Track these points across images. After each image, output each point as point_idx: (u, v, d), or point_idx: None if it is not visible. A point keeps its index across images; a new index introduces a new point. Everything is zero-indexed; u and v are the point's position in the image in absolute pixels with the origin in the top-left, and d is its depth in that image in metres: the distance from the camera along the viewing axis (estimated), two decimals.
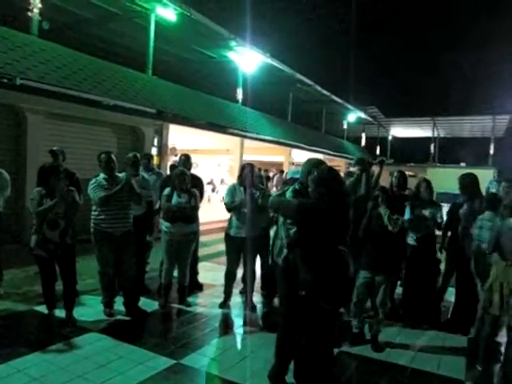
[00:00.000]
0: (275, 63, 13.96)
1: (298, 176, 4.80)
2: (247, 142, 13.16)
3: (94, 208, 4.48)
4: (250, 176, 4.89)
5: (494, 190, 7.28)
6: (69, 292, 4.27)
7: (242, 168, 5.06)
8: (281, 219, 3.25)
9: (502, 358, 3.44)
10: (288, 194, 3.22)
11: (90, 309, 4.67)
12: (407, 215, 4.68)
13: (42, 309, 4.39)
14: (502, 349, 3.44)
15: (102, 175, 4.48)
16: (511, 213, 3.49)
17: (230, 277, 5.06)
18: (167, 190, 4.93)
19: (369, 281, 4.11)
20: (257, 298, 5.24)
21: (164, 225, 4.93)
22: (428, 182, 5.05)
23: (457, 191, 5.00)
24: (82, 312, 4.49)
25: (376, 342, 4.12)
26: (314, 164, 3.21)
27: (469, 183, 4.77)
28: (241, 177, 4.98)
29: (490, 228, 3.83)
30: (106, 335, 4.06)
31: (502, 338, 3.43)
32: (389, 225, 3.98)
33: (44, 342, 3.81)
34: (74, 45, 8.99)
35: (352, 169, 5.37)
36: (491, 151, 23.98)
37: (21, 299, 4.88)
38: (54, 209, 4.03)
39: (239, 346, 4.19)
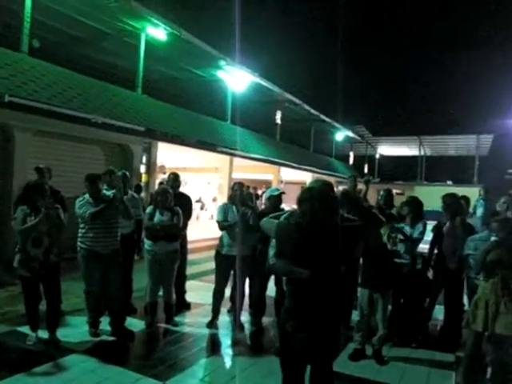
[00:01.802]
0: (264, 82, 14.15)
1: (276, 193, 4.87)
2: (236, 160, 13.22)
3: (81, 226, 4.43)
4: (241, 195, 4.92)
5: (481, 209, 7.42)
6: (52, 312, 4.19)
7: (233, 187, 5.08)
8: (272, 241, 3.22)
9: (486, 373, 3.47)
10: (282, 217, 3.09)
11: (74, 329, 4.58)
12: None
13: (25, 329, 4.29)
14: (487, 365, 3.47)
15: (89, 194, 4.45)
16: (501, 227, 3.54)
17: (218, 295, 5.02)
18: (149, 208, 4.92)
19: (369, 298, 4.20)
20: (245, 317, 5.19)
21: (146, 243, 4.90)
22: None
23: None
24: (66, 332, 4.40)
25: (380, 356, 4.21)
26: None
27: (451, 202, 4.86)
28: (232, 196, 5.01)
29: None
30: (91, 356, 3.98)
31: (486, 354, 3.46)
32: (388, 243, 4.06)
33: (27, 364, 3.71)
34: (64, 63, 9.02)
35: (343, 186, 5.44)
36: (476, 169, 24.41)
37: (3, 319, 4.77)
38: (37, 227, 3.98)
39: (227, 366, 4.14)
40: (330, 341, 2.52)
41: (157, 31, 9.99)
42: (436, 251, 5.00)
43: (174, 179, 5.60)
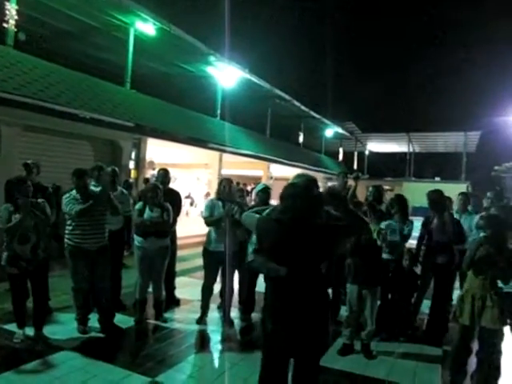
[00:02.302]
0: (254, 78, 14.13)
1: (261, 187, 4.88)
2: (226, 156, 13.20)
3: (68, 223, 4.39)
4: (228, 191, 4.91)
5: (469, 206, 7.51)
6: (39, 309, 4.15)
7: (220, 183, 5.07)
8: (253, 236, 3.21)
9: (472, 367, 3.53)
10: (265, 212, 2.92)
11: (63, 326, 4.55)
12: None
13: (13, 327, 4.24)
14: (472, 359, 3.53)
15: (76, 190, 4.41)
16: (488, 224, 3.59)
17: (206, 292, 5.01)
18: (139, 205, 4.90)
19: (358, 294, 4.24)
20: (234, 313, 5.21)
21: (136, 240, 4.88)
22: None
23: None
24: (54, 330, 4.36)
25: (368, 350, 4.25)
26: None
27: (436, 198, 4.92)
28: (218, 192, 5.00)
29: None
30: (79, 353, 3.95)
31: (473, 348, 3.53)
32: (378, 240, 4.10)
33: (14, 362, 3.68)
34: (52, 57, 8.92)
35: (332, 183, 5.49)
36: (464, 166, 24.70)
37: None
38: (22, 224, 3.94)
39: (216, 362, 4.15)
40: (312, 338, 2.46)
41: (146, 26, 9.92)
42: (424, 247, 5.07)
43: (164, 175, 5.58)
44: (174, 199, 5.40)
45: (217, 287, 5.15)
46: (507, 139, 23.82)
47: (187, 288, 6.28)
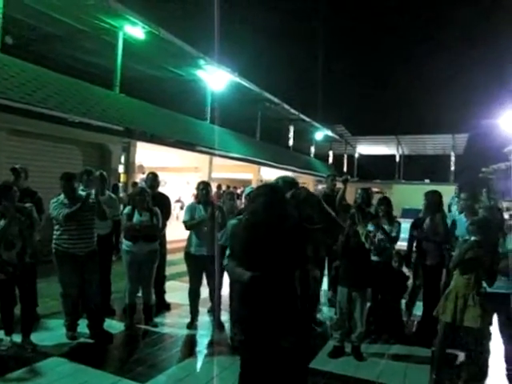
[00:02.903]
0: (243, 82, 14.16)
1: (249, 191, 4.88)
2: (216, 159, 13.19)
3: (55, 227, 4.35)
4: (206, 194, 4.91)
5: (455, 206, 7.62)
6: (27, 315, 4.09)
7: (198, 186, 5.06)
8: None
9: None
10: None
11: (51, 332, 4.50)
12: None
13: (0, 334, 4.19)
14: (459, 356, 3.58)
15: (63, 195, 4.38)
16: (478, 230, 3.64)
17: (193, 296, 5.00)
18: (128, 209, 4.87)
19: (348, 296, 4.25)
20: (225, 317, 5.19)
21: (125, 244, 4.85)
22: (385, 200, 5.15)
23: (421, 207, 5.17)
24: (42, 336, 4.31)
25: (359, 352, 4.26)
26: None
27: (435, 200, 4.94)
28: (198, 195, 5.00)
29: None
30: (68, 360, 3.91)
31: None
32: (366, 243, 4.12)
33: (1, 370, 3.62)
34: (40, 61, 8.85)
35: (322, 186, 5.52)
36: (452, 168, 24.98)
37: None
38: (8, 230, 3.89)
39: (207, 366, 4.12)
40: (286, 346, 2.33)
41: (135, 30, 9.90)
42: (414, 248, 5.10)
43: (153, 179, 5.56)
44: (163, 203, 5.38)
45: (206, 291, 5.13)
46: (494, 141, 24.16)
47: (178, 292, 6.25)
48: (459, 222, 4.94)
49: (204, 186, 4.98)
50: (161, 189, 5.76)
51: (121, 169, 9.72)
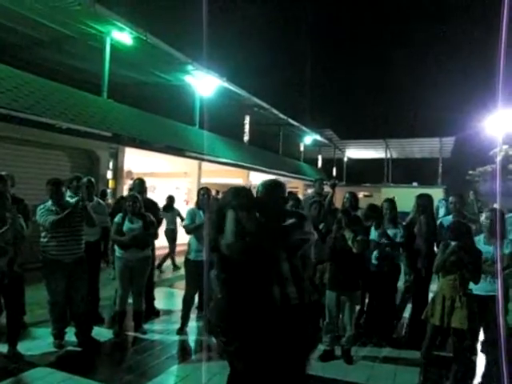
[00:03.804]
0: (232, 87, 14.18)
1: None
2: (205, 164, 13.16)
3: (42, 235, 4.30)
4: (207, 199, 4.91)
5: (442, 209, 7.67)
6: (13, 324, 4.03)
7: (199, 192, 5.08)
8: None
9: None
10: None
11: (38, 341, 4.44)
12: (372, 236, 4.83)
13: None
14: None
15: (51, 201, 4.34)
16: (457, 236, 3.69)
17: (188, 302, 4.98)
18: (118, 217, 4.83)
19: (336, 300, 4.27)
20: None
21: (117, 251, 4.83)
22: (391, 202, 5.11)
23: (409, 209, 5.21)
24: (29, 345, 4.26)
25: (349, 355, 4.27)
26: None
27: (426, 203, 4.97)
28: (198, 201, 5.00)
29: None
30: (55, 369, 3.86)
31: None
32: (353, 247, 4.14)
33: None
34: (26, 67, 8.78)
35: (310, 190, 5.53)
36: (440, 171, 25.25)
37: None
38: (2, 237, 3.84)
39: (197, 373, 4.09)
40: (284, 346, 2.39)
41: (122, 35, 9.86)
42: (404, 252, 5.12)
43: (140, 185, 5.53)
44: (151, 209, 5.36)
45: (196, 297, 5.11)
46: (480, 145, 24.51)
47: (167, 298, 6.23)
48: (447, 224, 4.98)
49: (205, 192, 4.99)
50: (151, 194, 5.72)
51: (109, 175, 9.65)
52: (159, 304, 5.80)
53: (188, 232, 4.92)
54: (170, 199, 8.81)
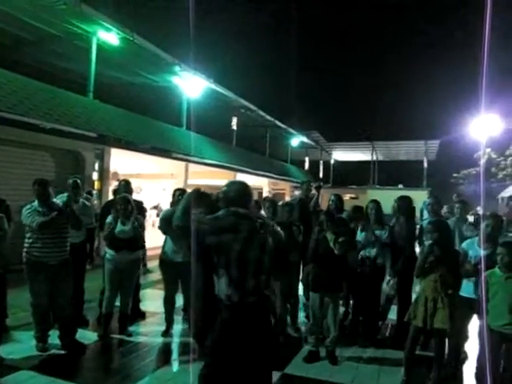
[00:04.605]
0: (219, 88, 14.18)
1: None
2: (192, 166, 13.13)
3: (27, 235, 4.24)
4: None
5: (427, 211, 7.76)
6: None
7: (174, 193, 5.07)
8: None
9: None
10: None
11: (20, 345, 4.37)
12: (359, 236, 4.87)
13: None
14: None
15: (37, 202, 4.28)
16: (434, 228, 3.76)
17: (168, 304, 4.96)
18: (110, 219, 4.80)
19: (320, 301, 4.29)
20: None
21: (108, 252, 4.79)
22: (376, 203, 5.13)
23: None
24: (11, 349, 4.19)
25: (333, 356, 4.29)
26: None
27: (402, 205, 5.04)
28: (174, 202, 5.00)
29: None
30: (38, 373, 3.80)
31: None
32: (334, 248, 4.17)
33: None
34: (10, 66, 8.65)
35: (297, 192, 5.57)
36: (425, 173, 25.58)
37: None
38: None
39: (182, 375, 4.07)
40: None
41: (109, 35, 9.78)
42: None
43: (125, 186, 5.50)
44: (138, 211, 5.33)
45: (181, 299, 5.08)
46: (464, 148, 24.89)
47: (152, 300, 6.18)
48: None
49: (180, 193, 4.99)
50: (137, 196, 5.69)
51: (95, 176, 9.56)
52: (146, 306, 5.77)
53: (165, 232, 4.89)
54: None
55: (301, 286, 5.23)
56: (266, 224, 2.75)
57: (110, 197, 8.72)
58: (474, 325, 4.09)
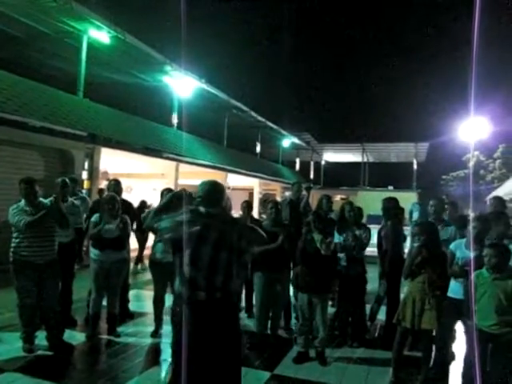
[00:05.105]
0: (210, 89, 14.15)
1: None
2: (182, 166, 13.08)
3: (14, 235, 4.19)
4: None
5: (416, 213, 7.81)
6: None
7: (162, 193, 5.03)
8: None
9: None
10: None
11: (6, 346, 4.30)
12: (336, 238, 4.87)
13: None
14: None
15: (24, 201, 4.23)
16: (421, 231, 3.80)
17: (158, 304, 4.93)
18: (95, 217, 4.76)
19: (308, 302, 4.29)
20: None
21: (93, 252, 4.74)
22: (351, 204, 5.16)
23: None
24: None
25: (322, 357, 4.30)
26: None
27: (389, 206, 5.09)
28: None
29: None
30: (24, 374, 3.75)
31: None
32: (321, 249, 4.17)
33: None
34: None
35: (287, 193, 5.57)
36: (415, 175, 25.78)
37: None
38: None
39: (171, 375, 4.06)
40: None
41: (100, 34, 9.72)
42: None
43: (116, 185, 5.46)
44: (127, 210, 5.29)
45: (170, 299, 5.06)
46: (453, 150, 25.14)
47: (141, 301, 6.16)
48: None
49: (168, 192, 4.95)
50: (127, 195, 5.65)
51: (84, 175, 9.48)
52: (134, 306, 5.73)
53: (155, 232, 4.86)
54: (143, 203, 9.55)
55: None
56: (235, 223, 2.73)
57: (97, 196, 8.67)
58: (461, 325, 4.13)
